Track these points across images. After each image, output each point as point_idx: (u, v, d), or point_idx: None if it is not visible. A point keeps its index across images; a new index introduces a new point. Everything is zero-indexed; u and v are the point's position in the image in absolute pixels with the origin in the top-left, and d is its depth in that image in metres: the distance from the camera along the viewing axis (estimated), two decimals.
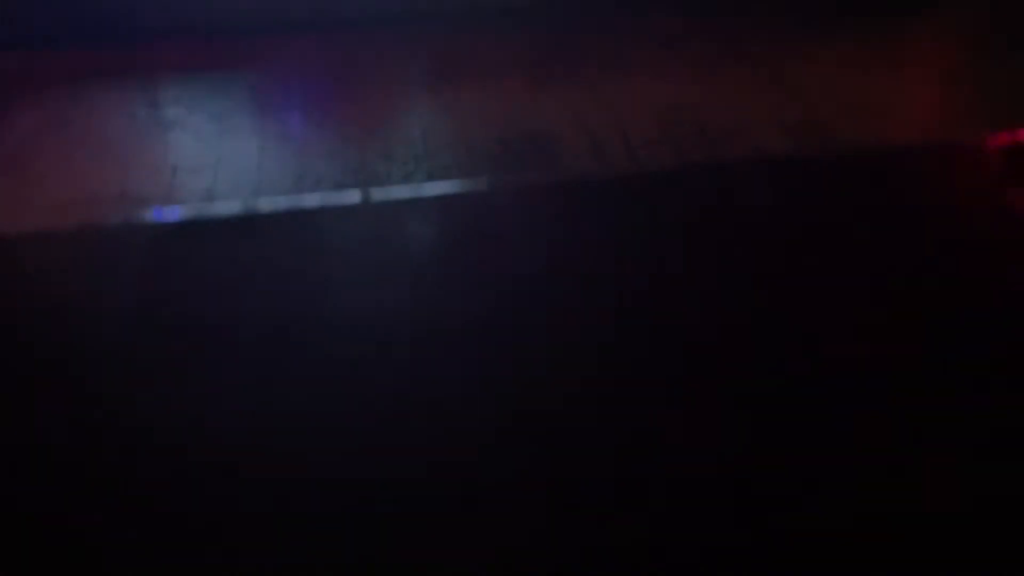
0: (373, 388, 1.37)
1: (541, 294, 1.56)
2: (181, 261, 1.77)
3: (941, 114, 2.68)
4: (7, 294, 1.64)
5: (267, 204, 2.16)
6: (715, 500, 1.21)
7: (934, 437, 1.29)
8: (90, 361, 1.43)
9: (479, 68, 3.01)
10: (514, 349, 1.44)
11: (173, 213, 2.09)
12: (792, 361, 1.42)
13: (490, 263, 1.67)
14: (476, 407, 1.34)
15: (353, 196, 2.23)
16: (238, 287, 1.63)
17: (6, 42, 3.15)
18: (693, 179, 2.06)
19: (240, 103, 2.82)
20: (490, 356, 1.43)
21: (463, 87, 2.88)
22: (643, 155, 2.45)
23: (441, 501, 1.20)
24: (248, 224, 1.97)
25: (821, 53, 3.04)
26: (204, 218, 2.02)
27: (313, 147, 2.55)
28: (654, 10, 3.36)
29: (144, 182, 2.39)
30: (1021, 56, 2.97)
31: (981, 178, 1.89)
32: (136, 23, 3.23)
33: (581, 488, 1.23)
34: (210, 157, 2.51)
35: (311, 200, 2.19)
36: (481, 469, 1.25)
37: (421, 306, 1.54)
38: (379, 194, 2.23)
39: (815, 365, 1.41)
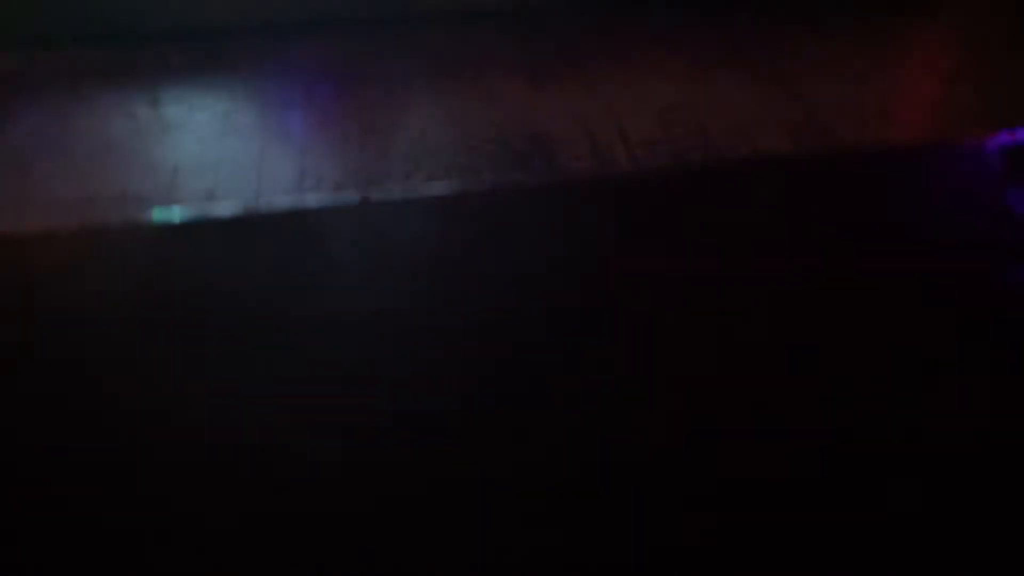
0: (373, 388, 1.37)
1: (541, 294, 1.56)
2: (181, 261, 1.77)
3: (941, 114, 2.68)
4: (7, 294, 1.64)
5: (268, 204, 2.17)
6: (722, 503, 1.21)
7: (934, 435, 1.29)
8: (90, 361, 1.43)
9: (479, 68, 3.01)
10: (514, 349, 1.44)
11: (173, 213, 2.09)
12: (792, 361, 1.42)
13: (490, 263, 1.67)
14: (475, 407, 1.34)
15: (353, 196, 2.23)
16: (238, 287, 1.63)
17: (6, 42, 3.15)
18: (693, 179, 2.06)
19: (241, 103, 2.82)
20: (490, 356, 1.43)
21: (463, 87, 2.88)
22: (643, 155, 2.45)
23: (441, 501, 1.20)
24: (249, 224, 1.97)
25: (821, 53, 3.04)
26: (204, 218, 2.02)
27: (314, 147, 2.55)
28: (654, 10, 3.36)
29: (144, 182, 2.40)
30: (1021, 56, 2.97)
31: (981, 178, 1.89)
32: (137, 23, 3.23)
33: (583, 490, 1.23)
34: (211, 157, 2.51)
35: (311, 200, 2.19)
36: (481, 469, 1.25)
37: (421, 306, 1.54)
38: (379, 194, 2.23)
39: (815, 365, 1.41)
